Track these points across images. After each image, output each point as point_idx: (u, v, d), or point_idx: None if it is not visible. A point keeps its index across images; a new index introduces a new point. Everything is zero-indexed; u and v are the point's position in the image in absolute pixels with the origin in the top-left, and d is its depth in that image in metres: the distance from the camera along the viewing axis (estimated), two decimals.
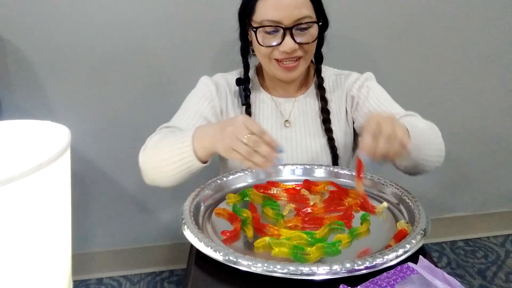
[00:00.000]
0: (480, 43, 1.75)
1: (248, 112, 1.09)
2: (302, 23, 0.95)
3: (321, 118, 1.10)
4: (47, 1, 1.43)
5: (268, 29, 0.96)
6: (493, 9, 1.70)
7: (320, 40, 1.08)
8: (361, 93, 1.08)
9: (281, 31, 0.95)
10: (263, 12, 0.96)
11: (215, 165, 1.25)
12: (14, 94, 1.51)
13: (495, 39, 1.75)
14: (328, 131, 1.08)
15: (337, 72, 1.15)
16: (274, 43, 0.97)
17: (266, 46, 0.98)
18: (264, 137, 0.76)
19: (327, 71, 1.14)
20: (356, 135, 1.14)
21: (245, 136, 0.75)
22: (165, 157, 0.87)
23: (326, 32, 1.08)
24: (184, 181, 0.92)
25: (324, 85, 1.10)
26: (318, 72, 1.11)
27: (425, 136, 0.90)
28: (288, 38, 0.95)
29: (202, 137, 0.84)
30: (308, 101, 1.11)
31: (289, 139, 1.09)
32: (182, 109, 1.07)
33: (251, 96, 1.10)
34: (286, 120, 1.10)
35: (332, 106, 1.11)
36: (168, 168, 0.87)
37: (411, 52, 1.72)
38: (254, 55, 1.08)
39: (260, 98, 1.12)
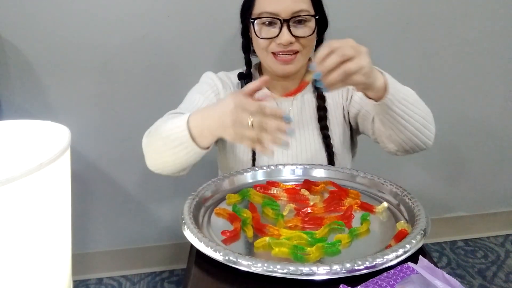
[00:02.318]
0: (480, 43, 1.75)
1: None
2: (299, 16, 0.97)
3: (318, 116, 1.10)
4: (47, 1, 1.43)
5: (266, 20, 0.98)
6: (493, 9, 1.71)
7: (320, 40, 1.09)
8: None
9: (278, 23, 0.97)
10: (262, 5, 0.98)
11: (215, 165, 1.25)
12: (14, 94, 1.51)
13: (496, 39, 1.75)
14: (323, 129, 1.09)
15: None
16: (271, 35, 0.98)
17: (263, 38, 0.99)
18: (266, 111, 0.72)
19: None
20: (352, 131, 1.14)
21: (249, 121, 0.71)
22: (165, 142, 0.86)
23: (325, 34, 1.09)
24: (187, 167, 0.91)
25: None
26: None
27: (407, 95, 0.87)
28: (285, 30, 0.96)
29: (199, 125, 0.82)
30: (306, 99, 1.12)
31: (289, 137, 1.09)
32: (189, 98, 1.07)
33: None
34: None
35: (329, 103, 1.11)
36: (168, 153, 0.86)
37: (411, 52, 1.72)
38: (256, 55, 1.08)
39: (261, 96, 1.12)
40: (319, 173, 0.99)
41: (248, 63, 1.13)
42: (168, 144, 0.85)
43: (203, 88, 1.09)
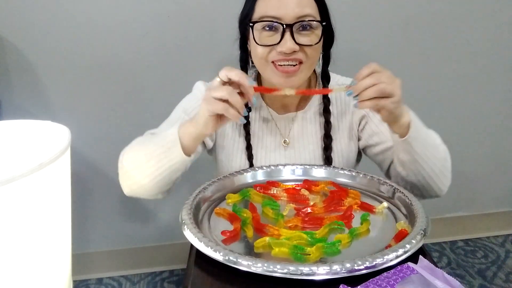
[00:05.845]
0: (480, 43, 1.75)
1: (247, 129, 1.03)
2: (304, 21, 0.88)
3: (322, 134, 1.03)
4: (47, 1, 1.43)
5: (266, 24, 0.89)
6: (493, 9, 1.71)
7: (326, 57, 1.01)
8: (370, 112, 1.02)
9: (281, 29, 0.87)
10: (263, 10, 0.89)
11: (215, 165, 1.25)
12: (14, 94, 1.51)
13: (495, 39, 1.75)
14: (327, 149, 1.02)
15: (339, 82, 1.06)
16: (272, 42, 0.88)
17: (263, 45, 0.89)
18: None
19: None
20: (360, 153, 1.09)
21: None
22: (149, 151, 0.85)
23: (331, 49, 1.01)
24: (166, 186, 0.89)
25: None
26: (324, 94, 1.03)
27: (429, 137, 0.88)
28: (287, 36, 0.86)
29: (186, 125, 0.83)
30: (309, 118, 1.04)
31: (288, 157, 1.04)
32: (172, 117, 1.01)
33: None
34: (285, 141, 1.04)
35: (334, 124, 1.03)
36: (150, 163, 0.84)
37: (411, 52, 1.71)
38: (254, 66, 1.00)
39: (259, 114, 1.05)
40: (319, 173, 0.99)
41: None
42: (153, 152, 0.84)
43: (191, 105, 1.00)
